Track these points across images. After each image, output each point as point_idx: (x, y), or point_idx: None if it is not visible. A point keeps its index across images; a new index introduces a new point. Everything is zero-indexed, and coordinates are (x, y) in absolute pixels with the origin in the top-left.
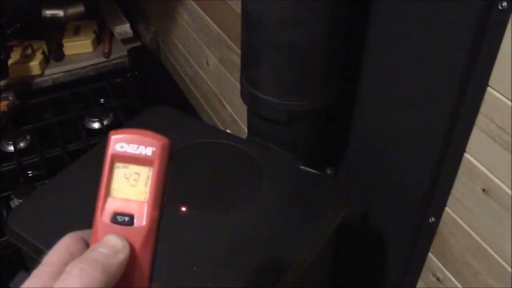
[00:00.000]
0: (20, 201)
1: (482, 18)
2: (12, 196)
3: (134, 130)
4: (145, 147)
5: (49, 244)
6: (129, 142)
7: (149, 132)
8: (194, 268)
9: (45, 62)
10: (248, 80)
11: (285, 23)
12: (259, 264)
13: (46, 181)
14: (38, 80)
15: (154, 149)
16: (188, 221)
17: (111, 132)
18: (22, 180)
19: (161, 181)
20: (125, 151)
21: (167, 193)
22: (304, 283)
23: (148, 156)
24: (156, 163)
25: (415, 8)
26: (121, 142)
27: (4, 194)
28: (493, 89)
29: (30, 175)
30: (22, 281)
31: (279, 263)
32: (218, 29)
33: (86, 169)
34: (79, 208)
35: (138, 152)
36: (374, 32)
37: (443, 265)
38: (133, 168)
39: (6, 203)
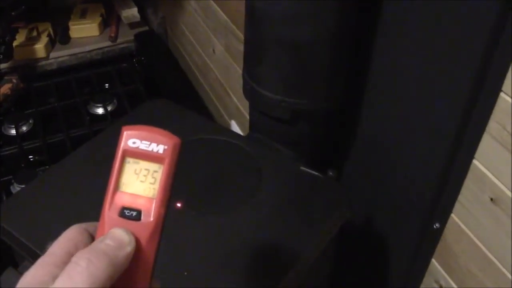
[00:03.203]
0: (21, 186)
1: (498, 18)
2: (13, 181)
3: (147, 127)
4: (157, 145)
5: (38, 242)
6: (141, 138)
7: (161, 130)
8: (185, 273)
9: (51, 45)
10: (250, 76)
11: (290, 20)
12: (256, 268)
13: (47, 167)
14: (43, 63)
15: (165, 147)
16: (183, 223)
17: (124, 128)
18: (23, 165)
19: (171, 178)
20: (137, 147)
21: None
22: (304, 287)
23: (160, 153)
24: (167, 161)
25: (428, 5)
26: (133, 138)
27: (4, 178)
28: (507, 94)
29: (31, 160)
30: (10, 278)
31: (277, 268)
32: (226, 18)
33: (79, 164)
34: (69, 205)
35: (150, 149)
36: (384, 30)
37: (447, 273)
38: (143, 164)
39: (6, 188)
